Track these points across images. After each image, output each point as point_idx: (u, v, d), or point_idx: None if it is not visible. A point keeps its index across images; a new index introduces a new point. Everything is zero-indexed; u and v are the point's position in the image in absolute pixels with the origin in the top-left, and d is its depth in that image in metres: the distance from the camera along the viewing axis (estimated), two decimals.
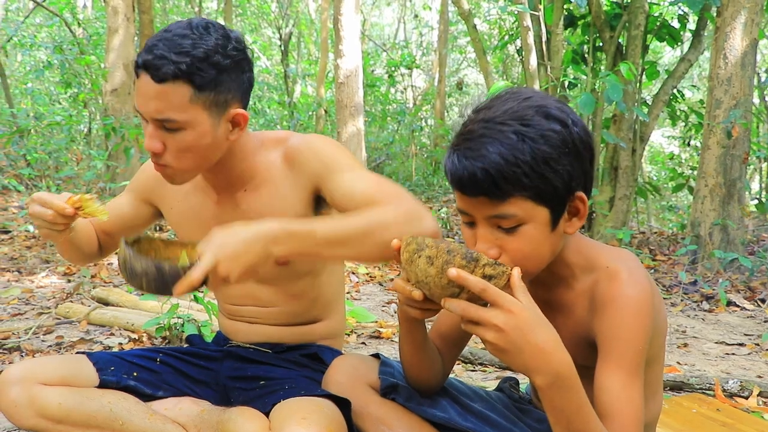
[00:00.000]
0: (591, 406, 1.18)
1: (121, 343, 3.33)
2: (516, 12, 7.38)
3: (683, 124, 8.83)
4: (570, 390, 1.13)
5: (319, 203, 1.72)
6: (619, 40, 7.47)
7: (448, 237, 7.41)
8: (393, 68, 15.24)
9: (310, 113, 13.58)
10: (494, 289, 1.10)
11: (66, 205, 1.60)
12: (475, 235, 1.29)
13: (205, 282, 1.39)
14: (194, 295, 3.33)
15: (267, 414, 1.55)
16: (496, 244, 1.26)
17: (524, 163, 1.19)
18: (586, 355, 1.36)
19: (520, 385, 1.79)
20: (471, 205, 1.25)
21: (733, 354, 3.68)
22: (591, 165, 1.29)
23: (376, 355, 1.67)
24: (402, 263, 1.22)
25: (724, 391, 2.76)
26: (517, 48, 9.30)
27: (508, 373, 2.79)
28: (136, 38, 8.33)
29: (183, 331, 3.16)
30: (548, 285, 1.42)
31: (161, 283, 1.38)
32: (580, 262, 1.38)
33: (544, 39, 7.47)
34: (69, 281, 4.82)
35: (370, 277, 5.57)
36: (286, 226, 1.41)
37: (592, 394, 1.26)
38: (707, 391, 2.77)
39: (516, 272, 1.14)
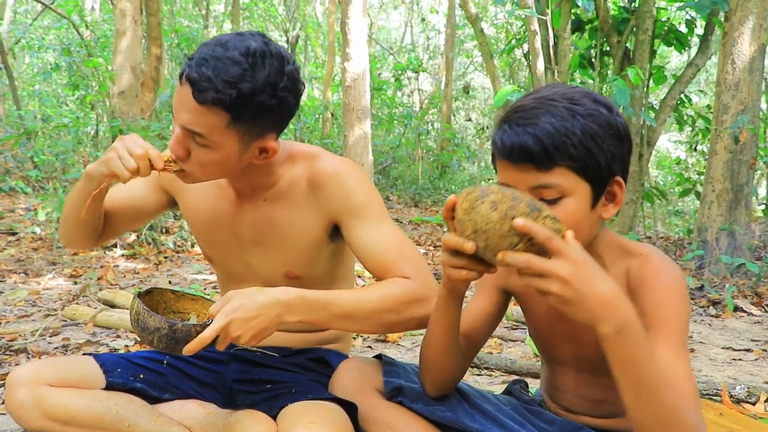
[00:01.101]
0: (657, 360, 1.17)
1: (127, 346, 3.34)
2: (523, 16, 7.36)
3: (690, 129, 8.80)
4: (636, 336, 1.13)
5: (337, 232, 1.73)
6: (627, 45, 7.46)
7: None
8: (400, 72, 15.25)
9: (317, 116, 13.59)
10: (559, 239, 1.11)
11: (157, 160, 1.56)
12: None
13: (214, 342, 1.42)
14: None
15: (274, 417, 1.55)
16: None
17: (573, 135, 1.24)
18: None
19: (530, 388, 1.78)
20: (516, 174, 1.28)
21: (740, 360, 3.66)
22: (629, 154, 1.34)
23: (378, 356, 1.67)
24: (458, 215, 1.21)
25: (731, 396, 2.75)
26: (525, 52, 9.30)
27: (515, 377, 2.79)
28: (143, 41, 8.36)
29: None
30: None
31: (172, 341, 1.42)
32: (610, 252, 1.41)
33: (551, 43, 7.46)
34: (75, 283, 4.83)
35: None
36: (302, 295, 1.46)
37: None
38: (714, 397, 2.75)
39: (570, 233, 1.14)
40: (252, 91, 1.46)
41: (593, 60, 7.81)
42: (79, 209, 1.76)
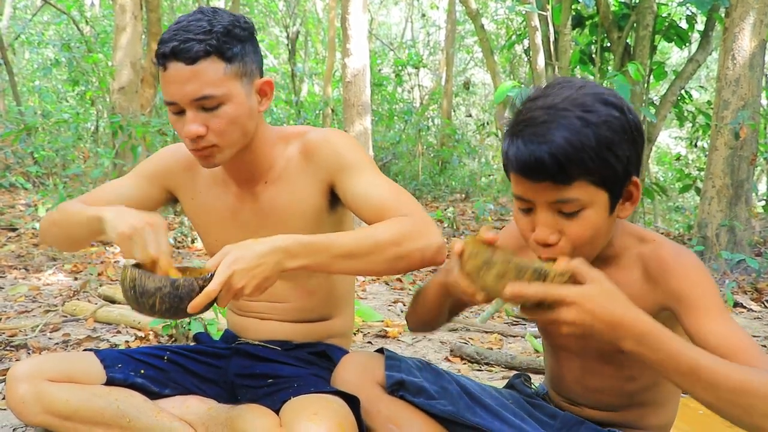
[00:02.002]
0: (690, 344, 1.18)
1: (127, 341, 3.34)
2: (524, 12, 7.36)
3: (690, 124, 8.79)
4: (658, 338, 1.15)
5: (335, 199, 1.74)
6: (627, 41, 7.45)
7: (454, 237, 7.40)
8: (400, 67, 15.23)
9: (317, 112, 13.57)
10: (570, 291, 1.14)
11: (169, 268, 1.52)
12: (532, 222, 1.32)
13: (215, 300, 1.41)
14: None
15: (276, 411, 1.55)
16: (557, 229, 1.29)
17: (589, 148, 1.22)
18: None
19: (533, 382, 1.79)
20: (533, 190, 1.28)
21: None
22: (642, 150, 1.34)
23: (381, 350, 1.67)
24: (465, 269, 1.24)
25: None
26: (525, 48, 9.29)
27: (515, 373, 2.79)
28: (143, 36, 8.35)
29: (189, 329, 3.15)
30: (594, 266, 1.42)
31: (176, 299, 1.38)
32: (623, 240, 1.43)
33: (551, 39, 7.46)
34: (76, 279, 4.83)
35: (377, 276, 5.56)
36: (300, 240, 1.45)
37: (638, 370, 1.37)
38: None
39: (575, 265, 1.18)
40: (226, 29, 1.58)
41: (594, 56, 7.80)
42: (77, 235, 1.76)
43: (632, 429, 1.54)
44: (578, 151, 1.21)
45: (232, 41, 1.59)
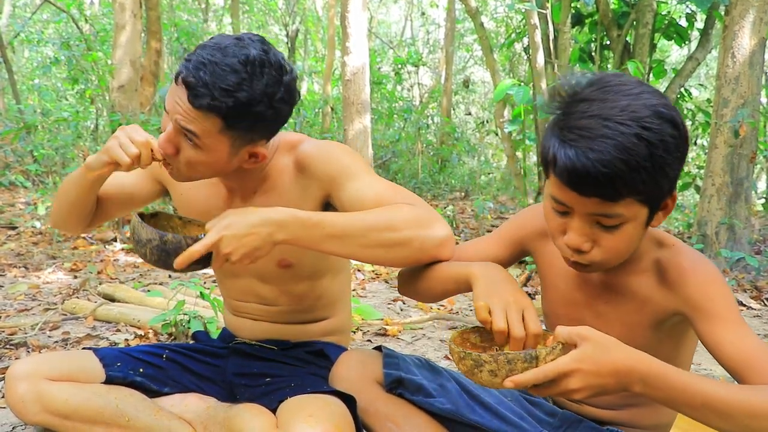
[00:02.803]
0: (697, 375, 1.17)
1: (127, 340, 3.33)
2: (523, 10, 7.35)
3: (690, 122, 8.79)
4: (665, 377, 1.14)
5: (329, 209, 1.70)
6: (627, 39, 7.45)
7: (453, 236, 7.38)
8: (399, 66, 15.22)
9: (317, 110, 13.57)
10: (551, 368, 1.13)
11: (158, 151, 1.54)
12: (565, 224, 1.31)
13: (209, 261, 1.42)
14: (200, 292, 3.34)
15: (273, 411, 1.55)
16: (591, 239, 1.28)
17: (644, 170, 1.18)
18: (646, 335, 1.40)
19: None
20: (578, 200, 1.25)
21: None
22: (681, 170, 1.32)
23: (379, 348, 1.66)
24: (459, 368, 1.24)
25: None
26: (525, 46, 9.28)
27: None
28: (143, 35, 8.34)
29: (189, 328, 3.15)
30: (610, 269, 1.42)
31: (163, 253, 1.42)
32: (644, 244, 1.40)
33: (551, 37, 7.45)
34: (75, 277, 4.83)
35: (376, 274, 5.56)
36: (294, 214, 1.44)
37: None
38: None
39: (559, 332, 1.18)
40: (248, 101, 1.45)
41: (593, 54, 7.79)
42: (74, 196, 1.75)
43: (632, 428, 1.54)
44: (633, 171, 1.17)
45: (247, 115, 1.48)
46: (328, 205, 1.69)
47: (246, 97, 1.45)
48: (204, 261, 1.44)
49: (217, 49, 1.45)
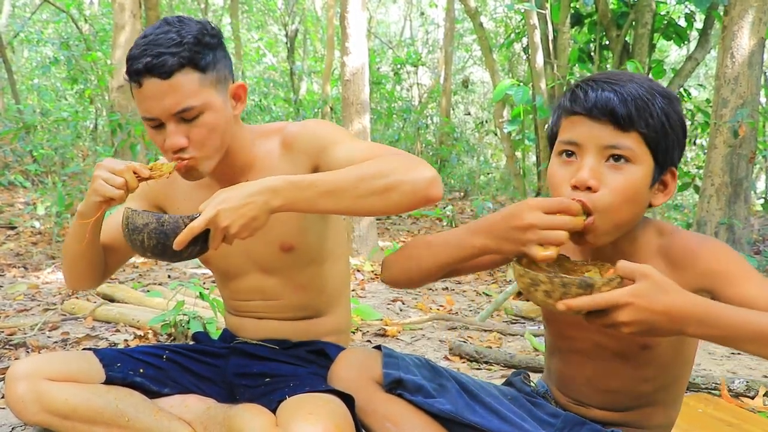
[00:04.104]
0: (747, 310, 1.20)
1: (126, 340, 3.34)
2: (523, 10, 7.36)
3: (689, 122, 8.80)
4: (720, 315, 1.18)
5: None
6: (626, 39, 7.45)
7: None
8: (399, 66, 15.23)
9: (316, 110, 13.57)
10: (620, 294, 1.16)
11: (141, 169, 1.60)
12: (571, 172, 1.34)
13: (206, 244, 1.43)
14: (200, 292, 3.34)
15: (273, 411, 1.55)
16: (599, 177, 1.32)
17: (653, 105, 1.31)
18: None
19: (531, 379, 1.78)
20: (590, 130, 1.33)
21: (739, 354, 3.67)
22: (682, 153, 1.41)
23: (378, 347, 1.66)
24: (518, 287, 1.29)
25: (729, 390, 2.75)
26: (524, 46, 9.27)
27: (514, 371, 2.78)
28: None
29: (188, 328, 3.16)
30: (614, 262, 1.42)
31: (162, 235, 1.42)
32: (645, 232, 1.44)
33: (550, 37, 7.45)
34: None
35: (376, 275, 5.56)
36: (287, 178, 1.47)
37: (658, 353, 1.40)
38: (713, 391, 2.76)
39: (620, 266, 1.20)
40: (196, 39, 1.57)
41: (592, 54, 7.80)
42: (79, 250, 1.76)
43: (637, 429, 1.54)
44: (645, 102, 1.30)
45: (204, 50, 1.59)
46: None
47: (191, 37, 1.57)
48: (202, 243, 1.45)
49: (141, 38, 1.60)
